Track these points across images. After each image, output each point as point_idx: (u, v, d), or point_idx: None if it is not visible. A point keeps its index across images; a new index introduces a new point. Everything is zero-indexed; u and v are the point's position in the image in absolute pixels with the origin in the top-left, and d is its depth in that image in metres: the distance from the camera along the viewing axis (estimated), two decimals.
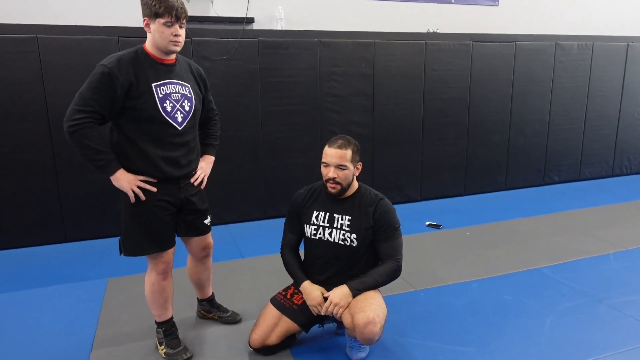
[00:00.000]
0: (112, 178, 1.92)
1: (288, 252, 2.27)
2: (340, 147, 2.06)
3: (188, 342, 2.29)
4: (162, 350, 2.19)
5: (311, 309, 2.10)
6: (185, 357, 2.15)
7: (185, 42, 2.06)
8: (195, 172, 2.15)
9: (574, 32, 5.31)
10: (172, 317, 2.24)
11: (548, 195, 5.01)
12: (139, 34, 3.65)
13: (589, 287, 2.86)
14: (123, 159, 1.94)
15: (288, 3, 4.31)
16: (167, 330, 2.21)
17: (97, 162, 1.87)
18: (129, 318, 2.55)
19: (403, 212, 2.27)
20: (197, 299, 2.53)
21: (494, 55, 4.80)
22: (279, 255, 2.30)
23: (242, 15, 4.08)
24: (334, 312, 2.02)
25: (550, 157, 5.35)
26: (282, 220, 2.33)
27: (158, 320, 2.22)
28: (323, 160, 2.10)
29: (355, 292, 2.04)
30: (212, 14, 4.08)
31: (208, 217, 2.24)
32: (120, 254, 2.08)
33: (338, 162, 2.06)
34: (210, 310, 2.51)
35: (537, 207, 4.57)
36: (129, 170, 1.94)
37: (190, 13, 3.72)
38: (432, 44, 4.53)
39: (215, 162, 2.30)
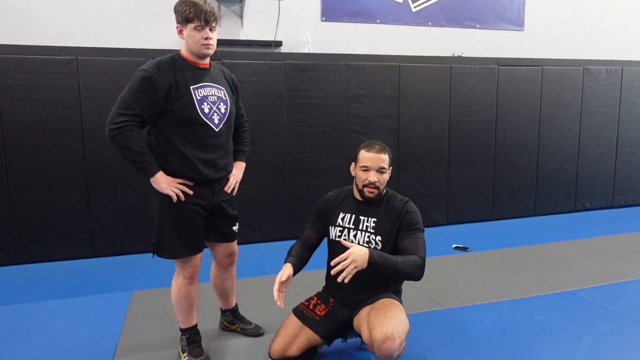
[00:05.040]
0: (151, 180, 1.95)
1: (298, 244, 2.22)
2: (379, 152, 2.11)
3: (210, 352, 2.25)
4: (184, 358, 2.16)
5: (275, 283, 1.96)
6: None
7: (217, 65, 2.15)
8: (229, 179, 2.18)
9: (602, 57, 5.26)
10: (196, 325, 2.22)
11: (580, 222, 4.84)
12: None
13: (629, 309, 2.71)
14: (162, 161, 1.97)
15: (315, 27, 4.43)
16: (191, 337, 2.19)
17: (138, 163, 1.91)
18: (152, 328, 2.54)
19: (428, 235, 2.20)
20: (221, 309, 2.51)
21: (521, 79, 4.78)
22: (303, 272, 2.19)
23: (271, 39, 4.21)
24: (346, 266, 1.83)
25: (581, 183, 5.20)
26: None
27: (182, 326, 2.20)
28: (362, 164, 2.11)
29: (373, 259, 1.87)
30: (242, 37, 4.23)
31: (237, 224, 2.26)
32: (153, 256, 2.09)
33: (379, 165, 2.09)
34: (234, 321, 2.48)
35: (569, 232, 4.42)
36: (168, 172, 1.97)
37: (221, 36, 3.92)
38: (457, 68, 4.56)
39: (240, 182, 2.28)
